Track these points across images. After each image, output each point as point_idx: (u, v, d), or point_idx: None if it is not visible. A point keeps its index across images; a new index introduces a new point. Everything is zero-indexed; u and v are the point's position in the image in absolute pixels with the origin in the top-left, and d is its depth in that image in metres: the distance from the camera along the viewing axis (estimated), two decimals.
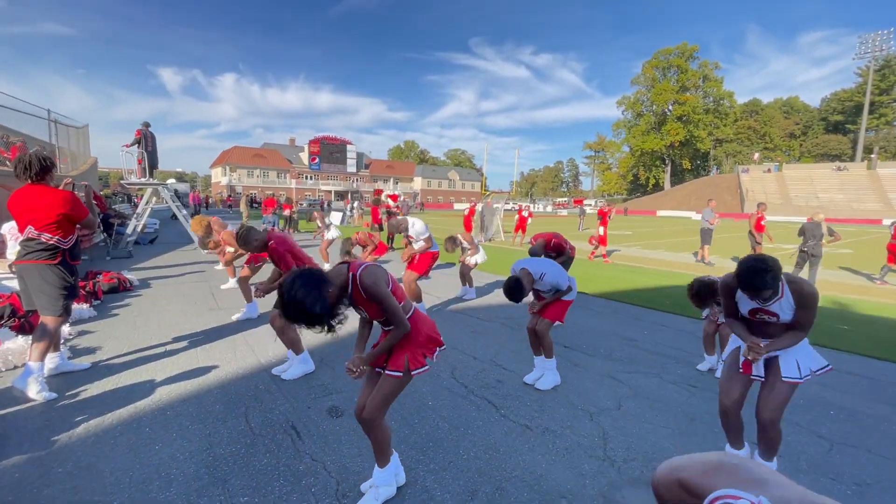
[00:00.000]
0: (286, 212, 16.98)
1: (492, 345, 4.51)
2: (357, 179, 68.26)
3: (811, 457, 2.63)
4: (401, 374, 2.08)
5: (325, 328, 1.82)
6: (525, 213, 15.39)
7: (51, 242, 3.19)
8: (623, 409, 3.21)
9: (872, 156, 50.70)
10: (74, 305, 4.64)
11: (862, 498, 2.29)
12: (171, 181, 22.96)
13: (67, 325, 4.39)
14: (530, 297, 3.67)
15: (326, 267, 9.18)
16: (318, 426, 2.85)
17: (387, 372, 2.11)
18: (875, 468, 2.55)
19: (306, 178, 64.97)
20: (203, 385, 3.43)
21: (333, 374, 3.68)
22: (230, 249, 6.41)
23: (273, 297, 3.69)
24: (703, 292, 3.51)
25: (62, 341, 3.70)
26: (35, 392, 3.07)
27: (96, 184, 17.23)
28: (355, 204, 25.76)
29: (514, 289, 3.18)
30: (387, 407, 2.13)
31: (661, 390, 3.53)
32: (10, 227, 4.97)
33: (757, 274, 2.05)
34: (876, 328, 5.40)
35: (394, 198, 18.34)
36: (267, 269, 3.87)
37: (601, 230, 11.32)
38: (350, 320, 2.09)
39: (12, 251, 4.78)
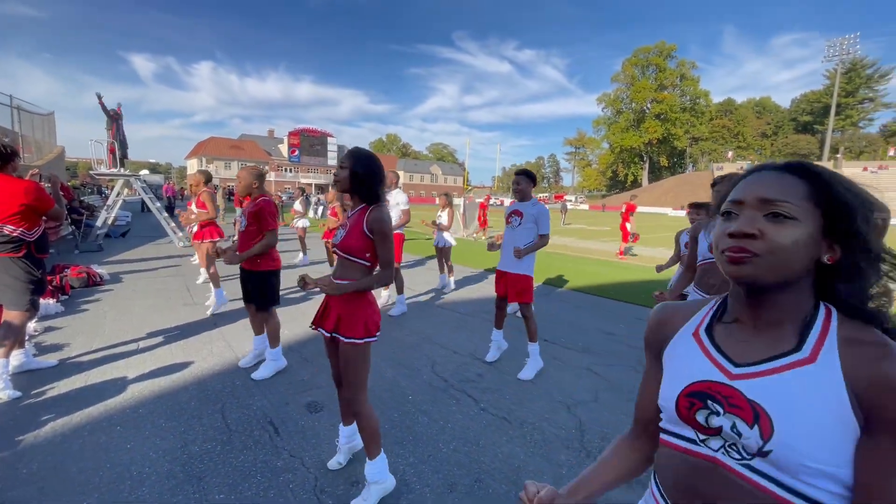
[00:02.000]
0: None
1: (472, 339, 4.54)
2: None
3: None
4: (360, 340, 1.99)
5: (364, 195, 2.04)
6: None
7: (14, 235, 3.06)
8: (600, 400, 3.28)
9: (838, 156, 52.83)
10: (41, 300, 4.46)
11: None
12: (143, 172, 22.18)
13: (33, 321, 4.22)
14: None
15: (300, 256, 9.06)
16: (297, 422, 2.83)
17: (345, 340, 2.00)
18: None
19: (286, 170, 63.81)
20: (177, 382, 3.35)
21: (312, 370, 3.64)
22: (200, 211, 5.52)
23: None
24: None
25: (27, 338, 3.56)
26: None
27: (63, 174, 16.51)
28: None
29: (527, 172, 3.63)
30: (364, 381, 2.06)
31: (636, 382, 3.60)
32: None
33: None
34: None
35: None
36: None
37: (628, 226, 11.40)
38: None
39: None
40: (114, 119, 10.45)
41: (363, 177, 2.02)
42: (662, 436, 0.78)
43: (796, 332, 0.68)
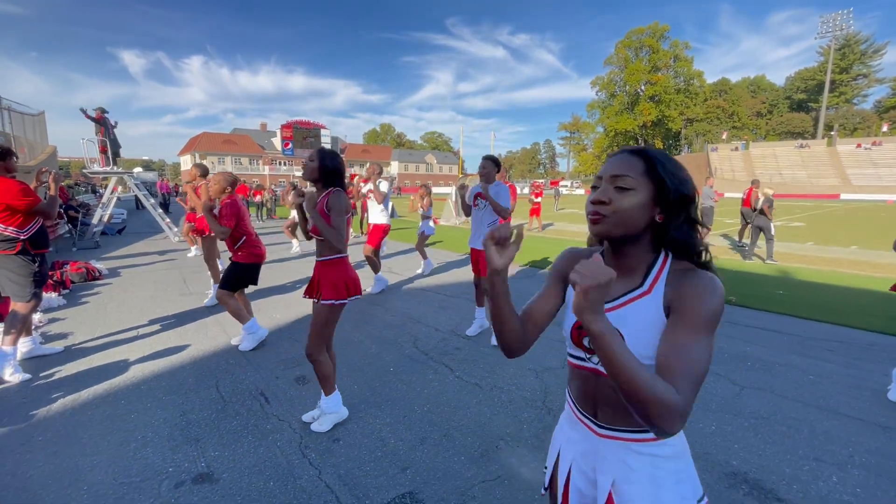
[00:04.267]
0: (256, 198, 16.87)
1: (454, 317, 4.80)
2: None
3: (721, 398, 3.02)
4: (332, 302, 2.45)
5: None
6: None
7: (6, 233, 3.22)
8: (566, 367, 3.55)
9: (832, 133, 52.86)
10: (43, 294, 4.68)
11: (755, 430, 2.66)
12: (137, 170, 22.27)
13: (38, 312, 4.46)
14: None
15: (294, 248, 9.28)
16: (286, 392, 3.10)
17: (322, 302, 2.47)
18: (774, 405, 2.95)
19: (280, 164, 63.59)
20: (176, 362, 3.62)
21: (302, 348, 3.90)
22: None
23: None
24: None
25: (33, 327, 3.80)
26: (9, 374, 3.21)
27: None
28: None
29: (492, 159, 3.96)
30: (323, 338, 2.51)
31: None
32: None
33: None
34: (807, 291, 5.92)
35: (364, 181, 18.45)
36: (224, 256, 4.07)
37: None
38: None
39: None
40: (99, 122, 10.62)
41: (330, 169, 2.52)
42: (568, 358, 1.07)
43: (643, 274, 0.94)
